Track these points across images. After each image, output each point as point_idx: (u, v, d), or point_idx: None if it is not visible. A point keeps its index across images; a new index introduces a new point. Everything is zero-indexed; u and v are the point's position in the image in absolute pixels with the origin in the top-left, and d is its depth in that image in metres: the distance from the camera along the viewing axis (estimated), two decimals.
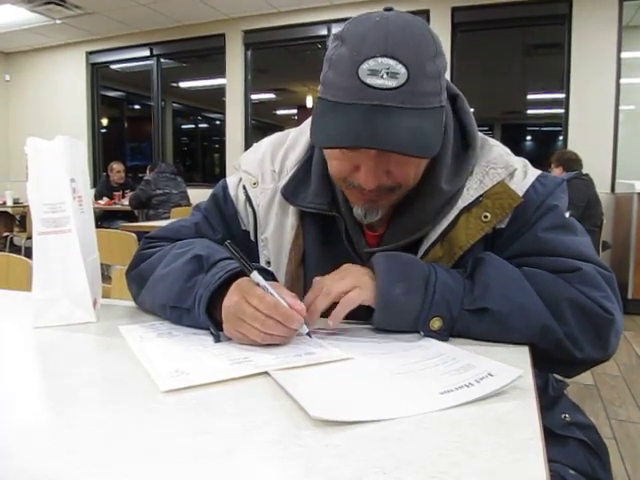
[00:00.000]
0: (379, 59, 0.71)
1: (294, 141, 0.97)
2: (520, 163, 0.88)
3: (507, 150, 0.90)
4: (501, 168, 0.85)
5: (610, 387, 2.74)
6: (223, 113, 6.70)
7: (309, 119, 0.97)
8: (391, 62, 0.71)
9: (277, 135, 1.02)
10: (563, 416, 0.94)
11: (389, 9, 0.78)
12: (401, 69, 0.71)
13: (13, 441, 0.47)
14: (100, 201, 6.17)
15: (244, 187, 0.97)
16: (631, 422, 2.33)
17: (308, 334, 0.73)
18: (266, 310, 0.70)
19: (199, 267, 0.81)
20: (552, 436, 0.88)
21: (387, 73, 0.71)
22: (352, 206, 0.86)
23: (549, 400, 0.96)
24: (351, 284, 0.77)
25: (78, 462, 0.43)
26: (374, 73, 0.71)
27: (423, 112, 0.74)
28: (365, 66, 0.71)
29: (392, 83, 0.71)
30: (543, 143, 6.91)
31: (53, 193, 0.85)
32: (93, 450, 0.45)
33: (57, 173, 0.85)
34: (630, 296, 4.15)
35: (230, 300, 0.74)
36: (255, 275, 0.75)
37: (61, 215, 0.85)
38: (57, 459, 0.43)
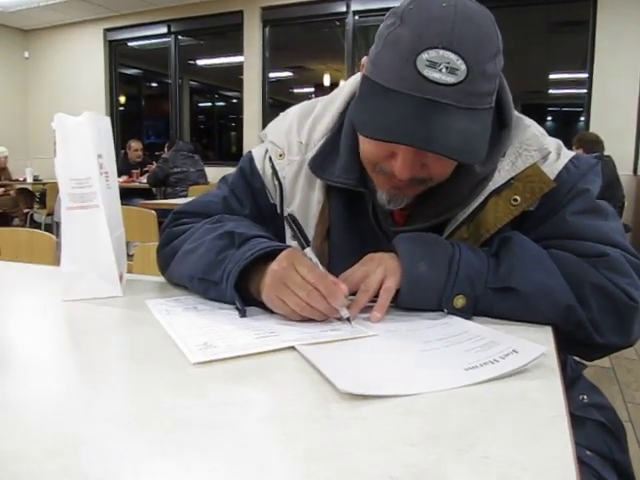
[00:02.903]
0: (441, 51, 0.68)
1: (322, 111, 0.95)
2: (554, 144, 0.86)
3: (542, 130, 0.88)
4: (535, 150, 0.83)
5: (627, 370, 2.73)
6: (240, 91, 6.69)
7: (337, 89, 0.96)
8: (452, 56, 0.68)
9: (304, 104, 1.00)
10: (581, 397, 0.94)
11: None
12: (461, 65, 0.68)
13: (50, 409, 0.49)
14: (118, 179, 6.20)
15: (270, 159, 0.96)
16: None
17: (348, 319, 0.72)
18: (313, 280, 0.70)
19: (230, 242, 0.81)
20: (569, 417, 0.88)
21: (446, 68, 0.68)
22: (376, 190, 0.85)
23: (567, 381, 0.95)
24: (382, 273, 0.77)
25: (116, 429, 0.44)
26: (433, 65, 0.68)
27: (475, 113, 0.71)
28: (425, 56, 0.68)
29: (450, 79, 0.68)
30: (564, 124, 6.81)
31: (80, 169, 0.86)
32: (129, 418, 0.47)
33: (84, 149, 0.86)
34: None
35: (279, 265, 0.74)
36: (309, 251, 0.78)
37: (88, 190, 0.86)
38: (96, 425, 0.45)
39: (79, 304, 0.85)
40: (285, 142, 0.95)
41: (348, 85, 0.94)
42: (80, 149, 0.86)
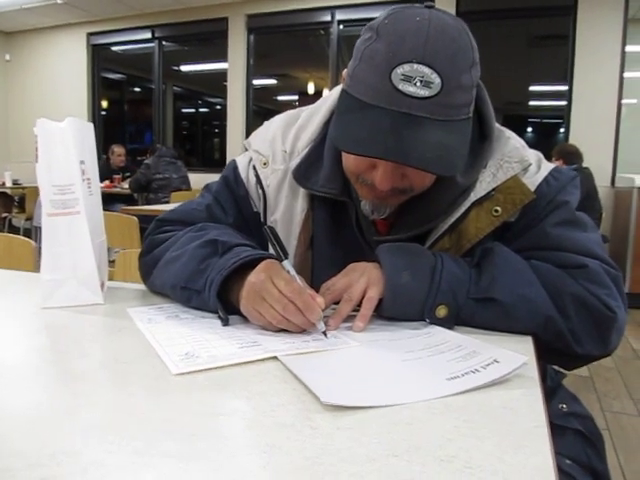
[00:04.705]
0: (415, 65, 0.69)
1: (306, 120, 0.96)
2: (534, 157, 0.88)
3: (522, 142, 0.89)
4: (515, 162, 0.85)
5: (605, 379, 2.76)
6: (224, 98, 6.67)
7: (322, 99, 0.97)
8: (426, 70, 0.69)
9: (289, 113, 1.00)
10: (561, 406, 0.95)
11: (430, 6, 0.75)
12: (436, 79, 0.69)
13: (33, 417, 0.48)
14: (99, 184, 6.13)
15: (254, 167, 0.96)
16: (625, 414, 2.36)
17: (324, 333, 0.72)
18: (290, 294, 0.71)
19: (213, 251, 0.81)
20: (550, 426, 0.89)
21: (421, 81, 0.69)
22: (360, 200, 0.86)
23: (547, 390, 0.97)
24: (365, 283, 0.78)
25: (96, 440, 0.44)
26: (407, 79, 0.69)
27: (451, 125, 0.72)
28: (399, 70, 0.69)
29: (424, 92, 0.69)
30: (544, 135, 6.90)
31: (63, 175, 0.85)
32: (110, 429, 0.46)
33: (67, 155, 0.85)
34: (627, 290, 4.17)
35: (256, 277, 0.74)
36: (287, 263, 0.77)
37: (70, 197, 0.86)
38: (76, 436, 0.44)
39: (59, 312, 0.84)
40: (269, 151, 0.95)
41: (332, 95, 0.95)
42: (62, 155, 0.85)
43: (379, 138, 0.70)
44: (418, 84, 0.69)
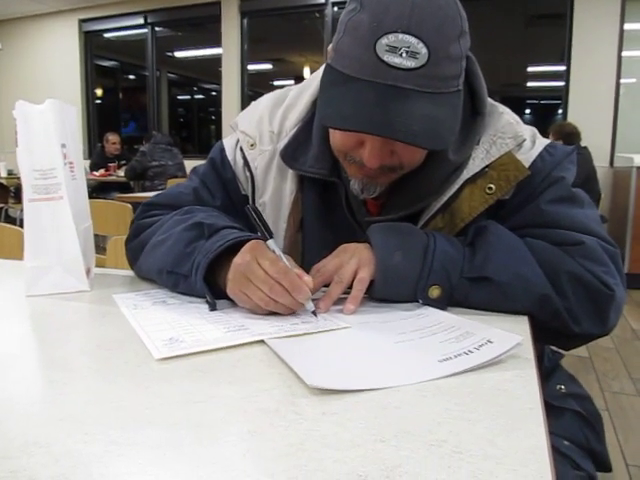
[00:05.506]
0: (400, 35, 0.66)
1: (294, 99, 0.93)
2: (529, 132, 0.85)
3: (516, 118, 0.87)
4: (509, 138, 0.82)
5: (604, 359, 2.76)
6: (219, 84, 6.61)
7: (311, 77, 0.94)
8: (412, 40, 0.66)
9: (276, 93, 0.97)
10: (559, 387, 0.93)
11: None
12: (422, 49, 0.66)
13: (5, 408, 0.46)
14: (95, 172, 6.10)
15: (241, 149, 0.94)
16: (624, 394, 2.35)
17: (313, 312, 0.70)
18: (276, 274, 0.69)
19: (199, 234, 0.79)
20: (547, 407, 0.88)
21: (407, 52, 0.66)
22: (349, 179, 0.83)
23: (545, 371, 0.95)
24: (356, 264, 0.75)
25: (70, 429, 0.42)
26: (393, 50, 0.66)
27: (440, 97, 0.70)
28: (384, 41, 0.66)
29: (411, 63, 0.66)
30: (542, 116, 6.85)
31: (44, 159, 0.83)
32: (86, 418, 0.44)
33: (47, 138, 0.83)
34: (626, 270, 4.16)
35: (242, 259, 0.71)
36: (271, 243, 0.75)
37: (52, 182, 0.83)
38: (49, 426, 0.42)
39: (43, 299, 0.82)
40: (256, 132, 0.93)
41: (320, 73, 0.92)
42: (43, 138, 0.83)
43: (364, 112, 0.68)
44: (404, 55, 0.66)
